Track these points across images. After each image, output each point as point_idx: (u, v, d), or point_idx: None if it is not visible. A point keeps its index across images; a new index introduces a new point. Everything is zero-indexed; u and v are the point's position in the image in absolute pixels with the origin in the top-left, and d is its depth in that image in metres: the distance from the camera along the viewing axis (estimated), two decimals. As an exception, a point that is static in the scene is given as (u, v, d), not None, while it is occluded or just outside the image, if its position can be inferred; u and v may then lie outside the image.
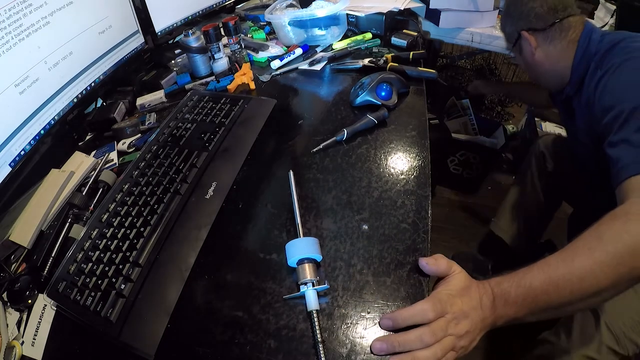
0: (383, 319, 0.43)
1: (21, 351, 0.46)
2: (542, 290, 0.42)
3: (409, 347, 0.39)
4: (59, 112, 0.69)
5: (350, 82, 0.86)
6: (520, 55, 0.92)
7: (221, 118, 0.72)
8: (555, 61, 0.83)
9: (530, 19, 0.84)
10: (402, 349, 0.40)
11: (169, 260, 0.50)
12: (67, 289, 0.48)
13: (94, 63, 0.76)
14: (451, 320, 0.41)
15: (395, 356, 0.40)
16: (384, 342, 0.40)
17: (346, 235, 0.53)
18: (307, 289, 0.44)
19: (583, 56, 0.78)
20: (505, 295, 0.42)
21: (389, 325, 0.42)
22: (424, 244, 0.51)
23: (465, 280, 0.44)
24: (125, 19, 0.84)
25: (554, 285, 0.42)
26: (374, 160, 0.64)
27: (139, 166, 0.63)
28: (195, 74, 0.96)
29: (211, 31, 0.89)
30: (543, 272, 0.43)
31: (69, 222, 0.60)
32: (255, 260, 0.51)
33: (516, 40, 0.89)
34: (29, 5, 0.60)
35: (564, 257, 0.44)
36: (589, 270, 0.43)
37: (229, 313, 0.46)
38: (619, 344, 0.75)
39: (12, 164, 0.59)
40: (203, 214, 0.56)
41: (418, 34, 1.02)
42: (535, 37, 0.84)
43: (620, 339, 0.75)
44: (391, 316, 0.42)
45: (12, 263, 0.56)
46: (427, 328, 0.40)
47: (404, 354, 0.39)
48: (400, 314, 0.42)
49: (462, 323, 0.41)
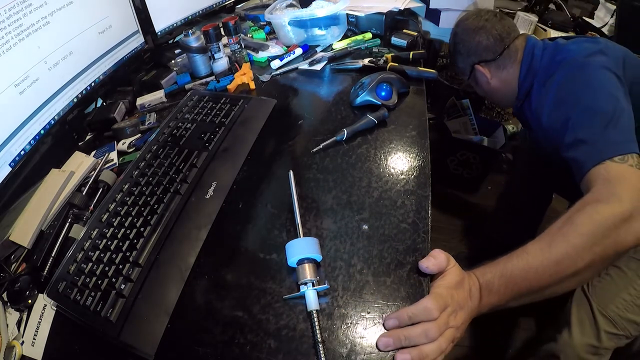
0: (388, 320, 0.43)
1: (21, 351, 0.47)
2: (523, 277, 0.45)
3: (414, 342, 0.41)
4: (59, 112, 0.69)
5: (350, 82, 0.86)
6: (476, 85, 0.96)
7: (221, 118, 0.72)
8: (509, 83, 0.87)
9: (479, 52, 0.88)
10: (407, 344, 0.41)
11: (169, 260, 0.50)
12: (67, 289, 0.48)
13: (94, 63, 0.76)
14: (451, 314, 0.42)
15: (403, 350, 0.40)
16: (390, 337, 0.41)
17: (346, 235, 0.53)
18: (307, 289, 0.44)
19: (528, 72, 0.82)
20: (490, 285, 0.45)
21: (394, 325, 0.42)
22: (424, 244, 0.51)
23: (460, 273, 0.46)
24: (125, 19, 0.84)
25: (533, 272, 0.45)
26: (374, 160, 0.64)
27: (139, 166, 0.63)
28: (195, 74, 0.95)
29: (211, 31, 0.89)
30: (522, 260, 0.46)
31: (69, 222, 0.60)
32: (255, 260, 0.51)
33: (470, 73, 0.93)
34: (29, 5, 0.60)
35: (541, 245, 0.48)
36: (564, 253, 0.46)
37: (229, 313, 0.46)
38: (617, 327, 0.78)
39: (12, 164, 0.60)
40: (203, 214, 0.56)
41: (418, 34, 1.02)
42: (488, 68, 0.88)
43: (617, 322, 0.77)
44: (396, 316, 0.43)
45: (12, 263, 0.56)
46: (432, 323, 0.41)
47: (411, 349, 0.40)
48: (405, 313, 0.42)
49: (459, 314, 0.43)
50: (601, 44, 0.75)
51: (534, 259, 0.46)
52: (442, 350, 0.41)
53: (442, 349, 0.41)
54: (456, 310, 0.43)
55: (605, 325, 0.78)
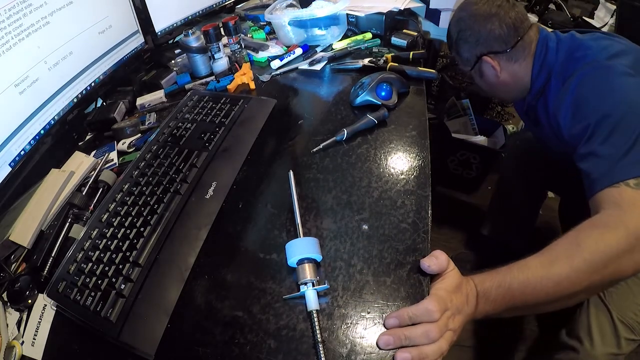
0: (389, 319, 0.43)
1: (21, 351, 0.47)
2: (520, 291, 0.45)
3: (415, 342, 0.41)
4: (59, 112, 0.69)
5: (350, 82, 0.86)
6: (480, 78, 0.86)
7: (221, 118, 0.72)
8: (520, 78, 0.80)
9: (489, 42, 0.78)
10: (408, 343, 0.41)
11: (169, 260, 0.50)
12: (67, 289, 0.48)
13: (94, 63, 0.76)
14: (450, 316, 0.43)
15: (403, 350, 0.40)
16: (391, 336, 0.41)
17: (346, 235, 0.53)
18: (307, 289, 0.44)
19: (542, 66, 0.76)
20: (487, 293, 0.45)
21: (395, 325, 0.43)
22: (424, 244, 0.51)
23: (459, 277, 0.46)
24: (125, 19, 0.84)
25: (531, 287, 0.45)
26: (374, 160, 0.64)
27: (139, 166, 0.63)
28: (195, 74, 0.96)
29: (211, 31, 0.89)
30: (522, 273, 0.46)
31: (69, 222, 0.60)
32: (255, 260, 0.51)
33: (474, 64, 0.83)
34: (29, 5, 0.60)
35: (543, 261, 0.47)
36: (565, 276, 0.45)
37: (229, 313, 0.46)
38: (635, 332, 0.78)
39: (12, 164, 0.59)
40: (203, 214, 0.56)
41: (418, 34, 1.01)
42: (498, 60, 0.79)
43: (635, 328, 0.77)
44: (397, 315, 0.43)
45: (12, 263, 0.56)
46: (433, 324, 0.41)
47: (411, 348, 0.40)
48: (405, 313, 0.42)
49: (457, 318, 0.43)
50: (622, 43, 0.70)
51: (534, 275, 0.45)
52: (442, 352, 0.41)
53: (442, 350, 0.41)
54: (454, 314, 0.43)
55: (625, 332, 0.77)
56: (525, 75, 0.79)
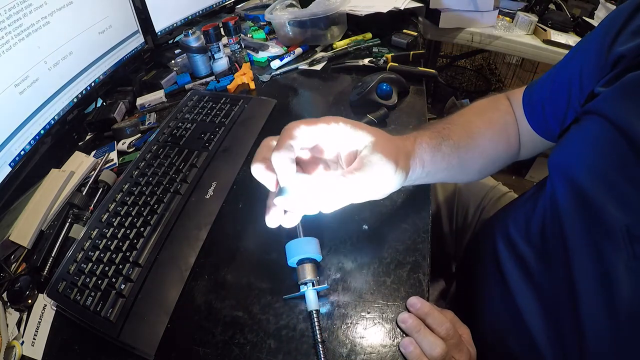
0: (413, 298, 0.44)
1: (21, 351, 0.46)
2: None
3: (421, 342, 0.41)
4: (59, 112, 0.69)
5: (350, 82, 0.86)
6: None
7: (221, 118, 0.72)
8: None
9: None
10: (416, 337, 0.41)
11: (169, 260, 0.50)
12: (67, 289, 0.48)
13: (94, 63, 0.76)
14: (455, 346, 0.43)
15: (411, 340, 0.41)
16: (411, 319, 0.42)
17: (346, 235, 0.53)
18: (307, 289, 0.44)
19: None
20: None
21: (415, 306, 0.43)
22: (424, 244, 0.51)
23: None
24: (125, 19, 0.84)
25: None
26: (374, 160, 0.64)
27: (139, 166, 0.63)
28: (195, 74, 0.95)
29: (211, 31, 0.89)
30: None
31: (69, 222, 0.60)
32: (255, 260, 0.51)
33: None
34: (29, 5, 0.60)
35: None
36: None
37: (229, 313, 0.46)
38: None
39: (12, 164, 0.60)
40: (203, 214, 0.56)
41: (418, 34, 1.01)
42: None
43: None
44: (421, 301, 0.44)
45: (12, 263, 0.56)
46: (444, 344, 0.41)
47: (417, 346, 0.41)
48: (428, 306, 0.43)
49: (458, 355, 0.43)
50: None
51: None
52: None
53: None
54: (459, 345, 0.43)
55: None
56: None
